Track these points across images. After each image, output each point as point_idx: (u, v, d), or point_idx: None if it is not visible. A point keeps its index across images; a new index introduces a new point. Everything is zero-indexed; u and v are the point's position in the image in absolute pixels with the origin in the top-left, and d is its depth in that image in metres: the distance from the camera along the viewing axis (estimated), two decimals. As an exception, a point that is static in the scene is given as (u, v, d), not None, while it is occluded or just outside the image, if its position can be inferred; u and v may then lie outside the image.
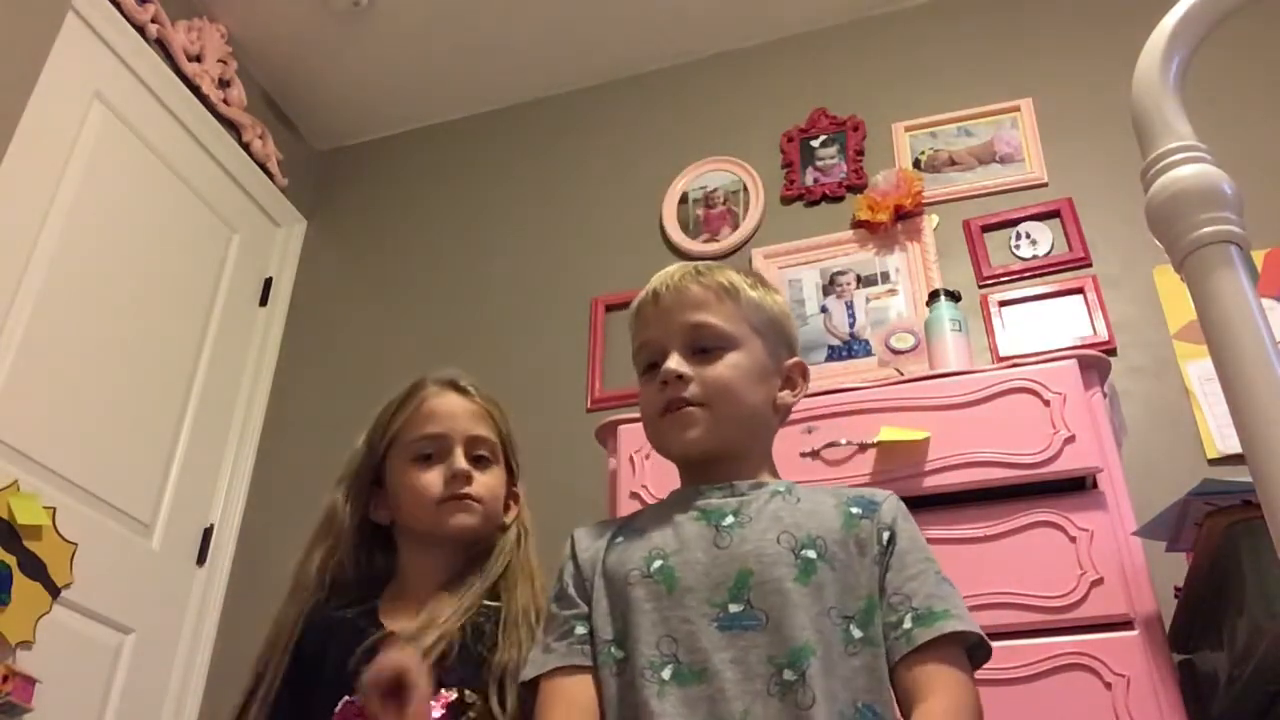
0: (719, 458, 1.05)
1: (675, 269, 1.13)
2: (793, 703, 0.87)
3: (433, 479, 1.22)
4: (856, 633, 0.94)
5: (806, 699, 0.87)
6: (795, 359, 1.13)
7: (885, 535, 1.00)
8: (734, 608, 0.94)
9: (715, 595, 0.95)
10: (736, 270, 1.13)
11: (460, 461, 1.23)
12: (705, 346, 1.05)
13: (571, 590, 1.04)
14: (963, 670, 0.93)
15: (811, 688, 0.88)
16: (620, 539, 1.05)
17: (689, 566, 0.97)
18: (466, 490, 1.21)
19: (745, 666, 0.90)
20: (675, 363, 1.04)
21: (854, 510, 1.02)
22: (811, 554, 0.96)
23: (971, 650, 0.96)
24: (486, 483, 1.24)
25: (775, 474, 1.10)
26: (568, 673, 0.99)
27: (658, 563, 0.98)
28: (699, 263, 1.14)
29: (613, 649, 0.97)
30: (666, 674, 0.92)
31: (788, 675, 0.89)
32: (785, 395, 1.10)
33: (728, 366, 1.05)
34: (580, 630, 1.01)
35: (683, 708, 0.90)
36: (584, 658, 0.99)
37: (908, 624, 0.94)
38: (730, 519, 1.00)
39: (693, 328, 1.06)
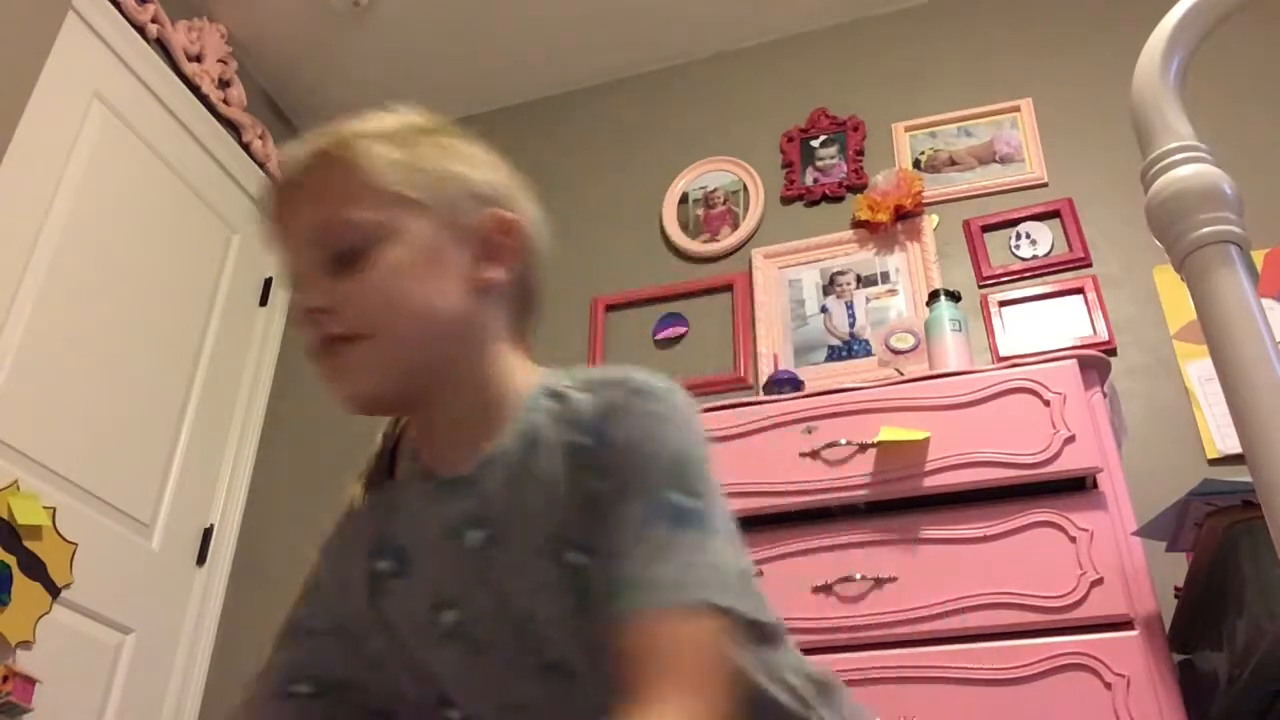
0: (413, 400, 0.78)
1: (293, 147, 0.79)
2: None
3: None
4: None
5: None
6: (491, 211, 0.79)
7: (604, 469, 0.71)
8: (541, 659, 0.74)
9: (519, 653, 0.74)
10: (378, 118, 0.80)
11: None
12: (343, 253, 0.74)
13: (319, 623, 0.85)
14: (675, 675, 0.63)
15: None
16: (385, 563, 0.80)
17: (479, 617, 0.75)
18: None
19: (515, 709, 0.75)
20: (310, 290, 0.75)
21: (579, 443, 0.73)
22: (580, 559, 0.71)
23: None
24: None
25: (512, 377, 0.79)
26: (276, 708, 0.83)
27: (449, 615, 0.76)
28: (325, 130, 0.79)
29: (446, 710, 0.79)
30: None
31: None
32: (490, 270, 0.78)
33: (384, 272, 0.74)
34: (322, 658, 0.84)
35: None
36: (305, 685, 0.82)
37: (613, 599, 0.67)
38: (477, 536, 0.74)
39: (315, 233, 0.75)
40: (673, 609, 0.63)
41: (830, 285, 2.40)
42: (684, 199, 2.67)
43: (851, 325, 2.32)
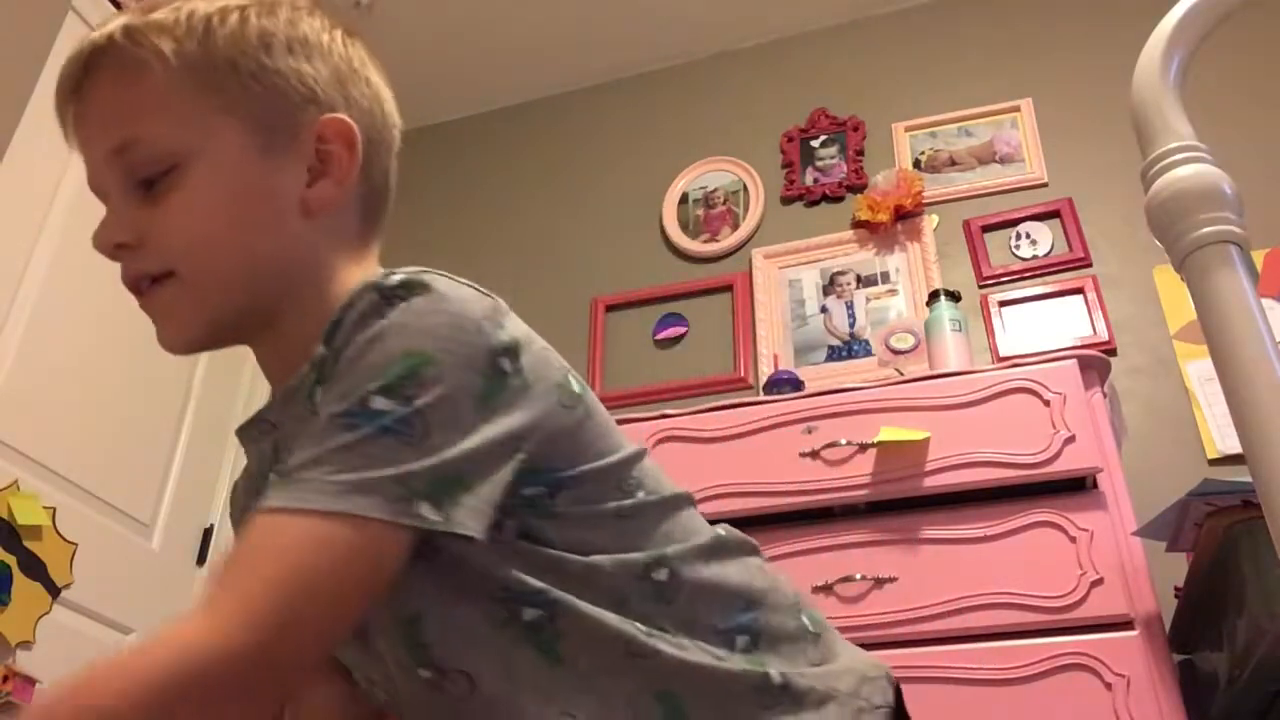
0: (244, 336, 0.69)
1: (78, 42, 0.68)
2: (444, 700, 0.64)
3: None
4: None
5: (455, 686, 0.63)
6: (330, 115, 0.67)
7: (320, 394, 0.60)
8: None
9: None
10: (181, 6, 0.66)
11: None
12: (146, 176, 0.64)
13: None
14: (234, 572, 0.55)
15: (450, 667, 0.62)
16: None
17: None
18: None
19: (381, 669, 0.68)
20: (111, 223, 0.67)
21: (320, 354, 0.62)
22: None
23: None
24: None
25: (336, 302, 0.63)
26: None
27: None
28: (106, 22, 0.68)
29: None
30: None
31: (423, 674, 0.64)
32: (322, 187, 0.67)
33: (187, 201, 0.63)
34: None
35: None
36: None
37: None
38: (274, 479, 0.60)
39: (114, 155, 0.65)
40: (294, 513, 0.54)
41: (830, 285, 2.40)
42: (684, 199, 2.67)
43: (851, 325, 2.32)
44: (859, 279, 2.38)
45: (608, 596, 0.61)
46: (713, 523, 0.72)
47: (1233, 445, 1.84)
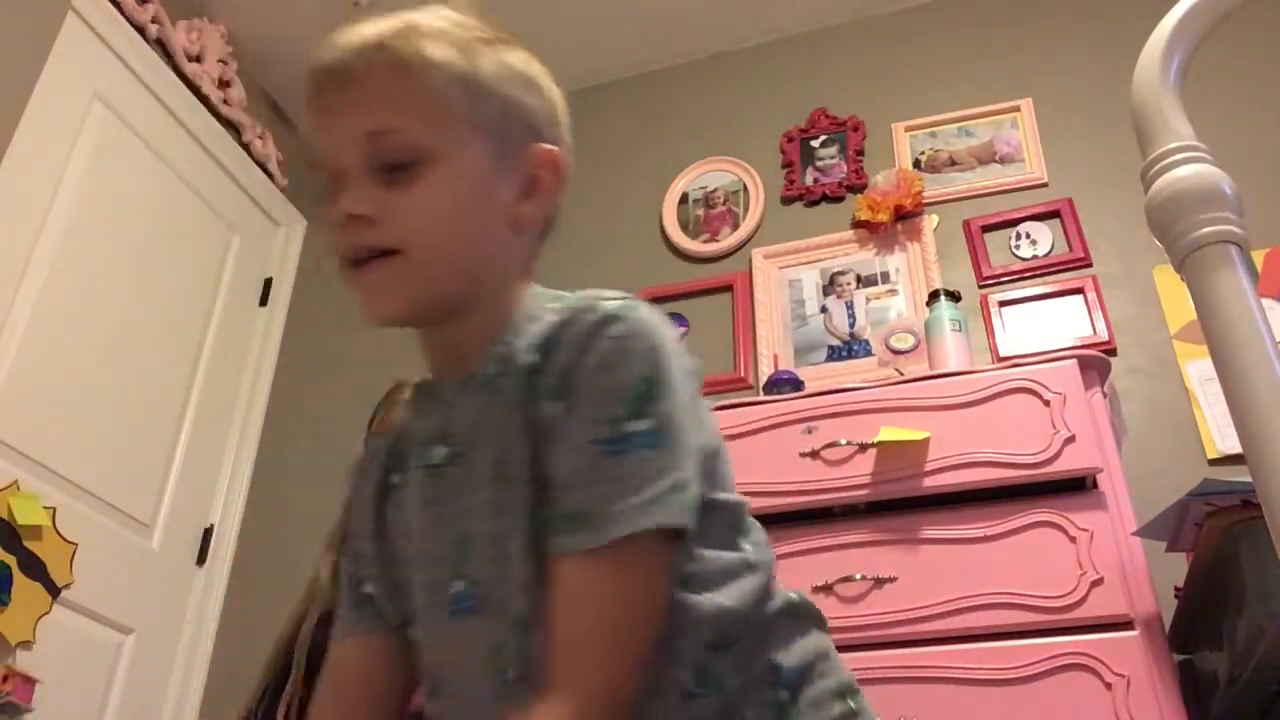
0: (432, 319, 0.76)
1: (342, 38, 0.75)
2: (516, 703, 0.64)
3: None
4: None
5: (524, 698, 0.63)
6: (541, 146, 0.77)
7: (556, 408, 0.67)
8: (455, 586, 0.70)
9: (440, 572, 0.71)
10: (442, 17, 0.76)
11: None
12: (394, 163, 0.71)
13: (351, 541, 0.82)
14: (572, 659, 0.61)
15: (535, 682, 0.63)
16: (397, 475, 0.79)
17: (419, 535, 0.74)
18: None
19: (472, 665, 0.68)
20: (352, 196, 0.71)
21: (532, 362, 0.70)
22: (525, 490, 0.68)
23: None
24: None
25: (517, 305, 0.76)
26: (348, 643, 0.79)
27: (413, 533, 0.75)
28: (383, 19, 0.75)
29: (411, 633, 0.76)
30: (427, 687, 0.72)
31: (510, 672, 0.66)
32: (529, 207, 0.76)
33: (431, 192, 0.71)
34: (367, 589, 0.79)
35: None
36: (372, 621, 0.78)
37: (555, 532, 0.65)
38: (440, 452, 0.73)
39: (369, 138, 0.71)
40: (602, 554, 0.61)
41: (830, 285, 2.40)
42: (684, 199, 2.67)
43: (851, 325, 2.32)
44: (859, 279, 2.38)
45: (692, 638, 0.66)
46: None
47: (1233, 445, 1.84)
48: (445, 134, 0.72)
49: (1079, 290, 2.17)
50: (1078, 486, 1.48)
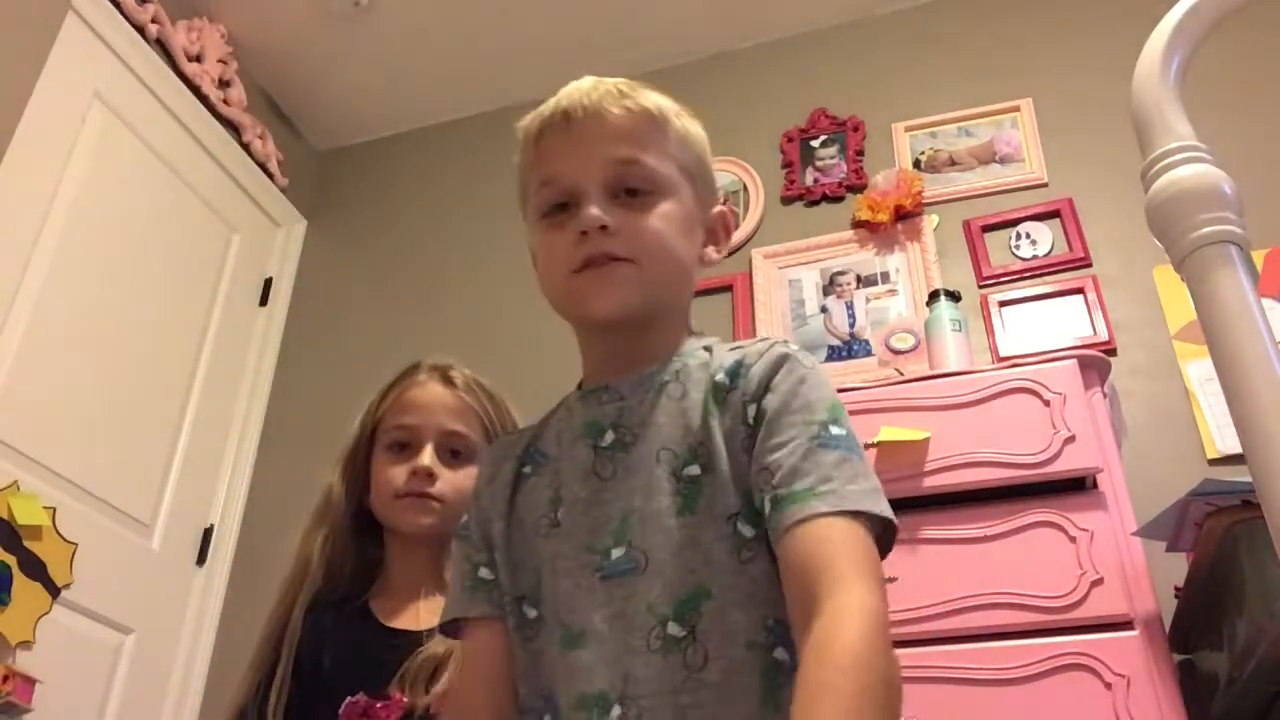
0: (636, 325, 0.87)
1: (588, 84, 0.91)
2: (679, 663, 0.74)
3: (398, 472, 1.20)
4: (747, 531, 0.77)
5: (697, 658, 0.73)
6: (719, 208, 0.96)
7: (752, 411, 0.80)
8: (616, 552, 0.79)
9: (597, 540, 0.80)
10: (665, 96, 0.94)
11: (425, 458, 1.19)
12: (633, 189, 0.86)
13: (475, 533, 0.90)
14: (849, 563, 0.71)
15: (704, 645, 0.74)
16: (529, 468, 0.90)
17: (571, 506, 0.83)
18: (427, 489, 1.18)
19: (624, 620, 0.77)
20: (598, 210, 0.84)
21: (721, 381, 0.83)
22: (695, 470, 0.80)
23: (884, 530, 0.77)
24: (455, 481, 1.20)
25: (686, 333, 0.93)
26: (474, 629, 0.87)
27: (562, 508, 0.84)
28: (616, 79, 0.92)
29: (525, 607, 0.84)
30: (558, 639, 0.80)
31: (673, 630, 0.75)
32: (710, 252, 0.94)
33: (660, 218, 0.86)
34: (484, 574, 0.88)
35: (565, 679, 0.78)
36: (484, 605, 0.86)
37: (768, 510, 0.74)
38: (610, 436, 0.84)
39: (618, 164, 0.86)
40: (839, 516, 0.72)
41: (830, 285, 2.40)
42: (684, 199, 2.67)
43: (851, 325, 2.32)
44: (859, 279, 2.38)
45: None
46: None
47: (1233, 445, 1.84)
48: (674, 175, 0.89)
49: (1079, 290, 2.17)
50: (1078, 486, 1.48)
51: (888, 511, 0.75)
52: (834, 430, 0.77)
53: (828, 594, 0.68)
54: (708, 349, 0.89)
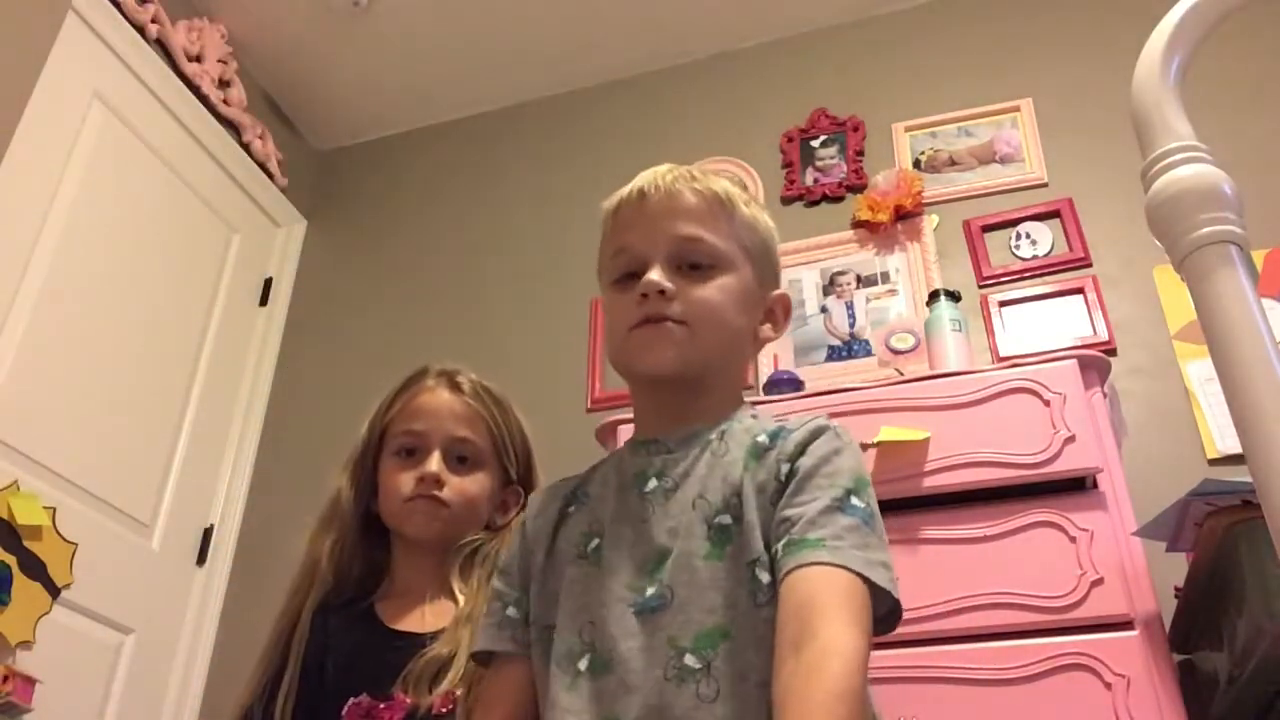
0: (686, 384, 0.95)
1: (665, 169, 1.01)
2: (692, 693, 0.79)
3: (405, 478, 1.21)
4: (764, 576, 0.82)
5: (709, 691, 0.79)
6: (780, 291, 1.04)
7: (785, 469, 0.87)
8: (650, 590, 0.86)
9: (636, 578, 0.87)
10: (738, 184, 1.04)
11: (432, 464, 1.20)
12: (695, 263, 0.95)
13: (514, 567, 0.98)
14: (843, 612, 0.76)
15: (716, 679, 0.79)
16: (573, 508, 0.98)
17: (617, 544, 0.90)
18: (434, 494, 1.19)
19: (650, 652, 0.83)
20: (658, 275, 0.93)
21: (761, 441, 0.91)
22: (726, 519, 0.86)
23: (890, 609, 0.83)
24: (462, 486, 1.21)
25: (739, 403, 1.00)
26: (497, 664, 0.95)
27: (594, 541, 0.92)
28: (691, 167, 1.02)
29: (555, 636, 0.90)
30: (583, 664, 0.85)
31: (690, 661, 0.81)
32: (766, 329, 1.02)
33: (717, 289, 0.94)
34: (510, 613, 0.95)
35: (590, 702, 0.83)
36: (509, 643, 0.94)
37: (780, 554, 0.81)
38: (653, 484, 0.92)
39: (682, 240, 0.96)
40: (843, 569, 0.78)
41: (830, 285, 2.40)
42: (684, 199, 2.67)
43: (851, 325, 2.32)
44: (859, 279, 2.38)
45: None
46: None
47: (1233, 445, 1.84)
48: (734, 253, 0.97)
49: (1079, 290, 2.17)
50: (1078, 486, 1.48)
51: (888, 585, 0.80)
52: (854, 501, 0.84)
53: (815, 633, 0.74)
54: (754, 416, 0.96)
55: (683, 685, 0.79)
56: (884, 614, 0.82)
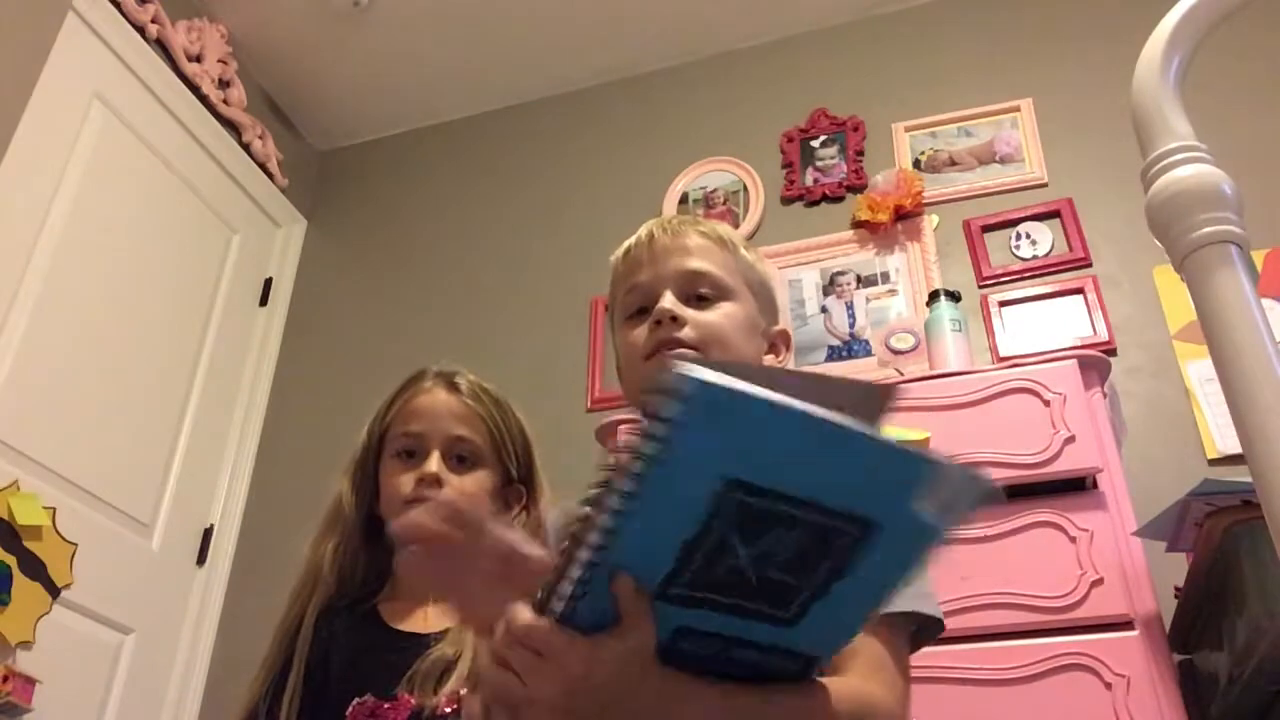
0: None
1: (669, 216, 1.11)
2: None
3: (406, 479, 1.21)
4: None
5: None
6: (780, 327, 1.11)
7: None
8: None
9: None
10: (735, 232, 1.13)
11: (431, 464, 1.20)
12: (701, 294, 1.02)
13: None
14: (884, 679, 0.84)
15: None
16: None
17: None
18: (433, 494, 1.18)
19: None
20: (670, 303, 1.00)
21: None
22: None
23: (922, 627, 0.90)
24: (462, 486, 1.21)
25: None
26: None
27: None
28: (708, 221, 1.11)
29: None
30: None
31: None
32: (770, 360, 1.08)
33: (724, 315, 1.01)
34: None
35: None
36: None
37: None
38: None
39: (689, 274, 1.03)
40: (884, 618, 0.84)
41: (830, 285, 2.40)
42: (684, 199, 2.67)
43: (851, 325, 2.32)
44: (859, 279, 2.38)
45: None
46: None
47: (1233, 445, 1.84)
48: (738, 285, 1.04)
49: (1079, 290, 2.17)
50: (1078, 486, 1.48)
51: (934, 611, 0.90)
52: None
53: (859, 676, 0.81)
54: None
55: None
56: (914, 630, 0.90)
